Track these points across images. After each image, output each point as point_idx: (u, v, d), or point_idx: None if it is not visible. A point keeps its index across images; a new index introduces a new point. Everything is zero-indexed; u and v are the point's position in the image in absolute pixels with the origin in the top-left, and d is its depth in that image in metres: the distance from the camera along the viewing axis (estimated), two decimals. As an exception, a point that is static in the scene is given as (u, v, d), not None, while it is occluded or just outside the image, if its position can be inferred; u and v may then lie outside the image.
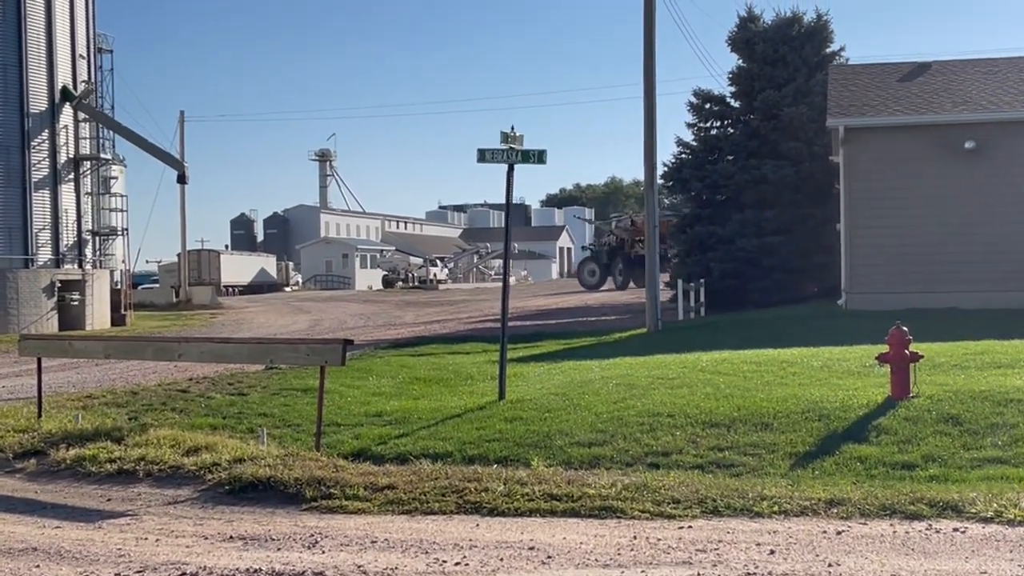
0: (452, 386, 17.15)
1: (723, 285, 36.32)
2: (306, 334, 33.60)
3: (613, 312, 40.62)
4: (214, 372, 18.77)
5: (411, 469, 10.07)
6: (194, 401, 15.81)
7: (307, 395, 16.13)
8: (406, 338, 29.40)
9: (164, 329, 39.18)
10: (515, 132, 14.99)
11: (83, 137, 42.14)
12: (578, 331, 29.96)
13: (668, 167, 37.97)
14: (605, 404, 13.39)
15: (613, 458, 10.94)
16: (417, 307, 52.18)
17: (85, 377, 20.45)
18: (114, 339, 13.70)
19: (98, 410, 15.09)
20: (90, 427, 12.63)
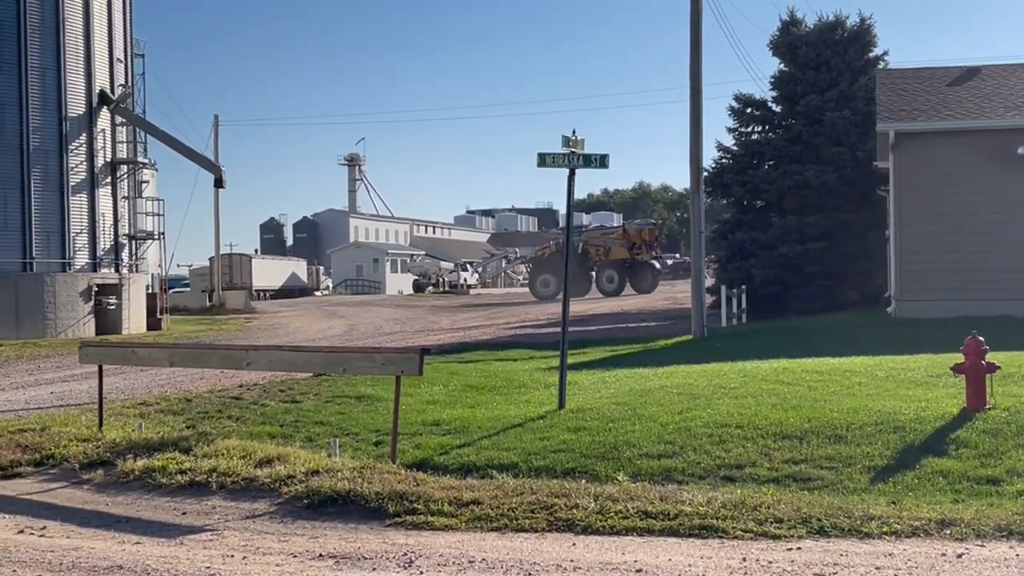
0: (506, 394, 16.91)
1: (765, 292, 35.97)
2: (344, 339, 33.42)
3: (652, 318, 40.30)
4: (262, 378, 18.57)
5: (494, 484, 9.79)
6: (248, 408, 15.61)
7: (360, 403, 15.98)
8: (449, 344, 29.17)
9: (201, 334, 39.07)
10: (576, 136, 14.72)
11: (120, 141, 42.09)
12: (621, 338, 29.69)
13: (709, 172, 37.59)
14: (669, 414, 13.13)
15: (685, 471, 10.67)
16: (451, 312, 51.95)
17: (133, 383, 20.28)
18: (178, 346, 13.48)
19: (155, 418, 14.90)
20: (154, 436, 12.41)
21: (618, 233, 66.75)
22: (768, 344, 23.41)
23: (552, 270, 62.76)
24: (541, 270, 63.82)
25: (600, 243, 64.37)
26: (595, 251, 64.06)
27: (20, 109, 37.65)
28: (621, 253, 63.76)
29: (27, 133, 37.78)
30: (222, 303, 60.67)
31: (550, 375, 18.98)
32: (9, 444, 12.68)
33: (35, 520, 9.63)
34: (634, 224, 68.95)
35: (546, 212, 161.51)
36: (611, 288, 62.93)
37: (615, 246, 63.84)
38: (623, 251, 63.66)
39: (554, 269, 62.76)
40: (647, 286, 63.47)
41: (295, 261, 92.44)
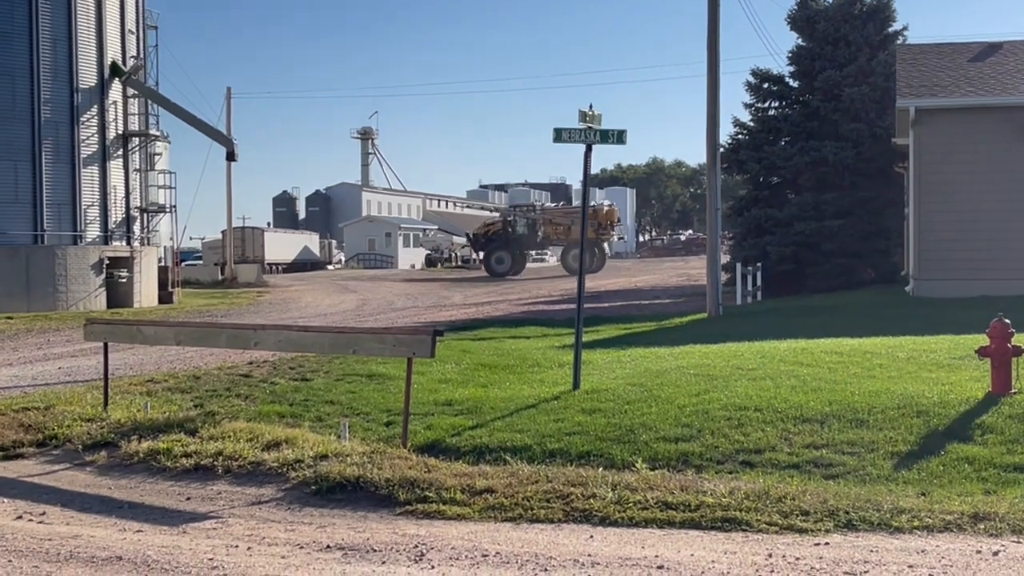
0: (519, 373, 16.68)
1: (780, 269, 35.64)
2: (355, 314, 33.19)
3: (665, 295, 40.02)
4: (272, 355, 18.35)
5: (508, 471, 9.50)
6: (257, 387, 15.39)
7: (372, 381, 15.78)
8: (461, 320, 28.93)
9: (212, 308, 38.88)
10: (593, 111, 14.39)
11: (132, 113, 41.81)
12: (635, 315, 29.43)
13: (725, 148, 37.14)
14: (686, 396, 12.89)
15: (703, 455, 10.42)
16: (463, 287, 51.72)
17: (142, 358, 20.06)
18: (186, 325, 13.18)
19: (162, 396, 14.69)
20: (160, 417, 12.17)
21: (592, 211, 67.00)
22: (785, 323, 23.12)
23: (504, 247, 63.60)
24: (494, 247, 64.10)
25: (561, 221, 65.06)
26: (552, 229, 64.89)
27: (31, 79, 37.37)
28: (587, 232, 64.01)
29: (38, 104, 37.51)
30: (234, 276, 60.51)
31: (564, 354, 18.77)
32: (12, 423, 12.46)
33: (35, 505, 9.40)
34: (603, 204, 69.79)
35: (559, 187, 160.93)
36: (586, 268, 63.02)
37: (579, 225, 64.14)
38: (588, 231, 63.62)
39: (506, 246, 63.73)
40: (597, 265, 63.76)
41: (307, 235, 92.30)
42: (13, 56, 37.12)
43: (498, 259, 63.67)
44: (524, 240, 65.44)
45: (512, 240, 64.49)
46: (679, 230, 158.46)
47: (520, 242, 65.20)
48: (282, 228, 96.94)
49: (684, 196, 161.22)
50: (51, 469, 10.94)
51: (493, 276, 61.69)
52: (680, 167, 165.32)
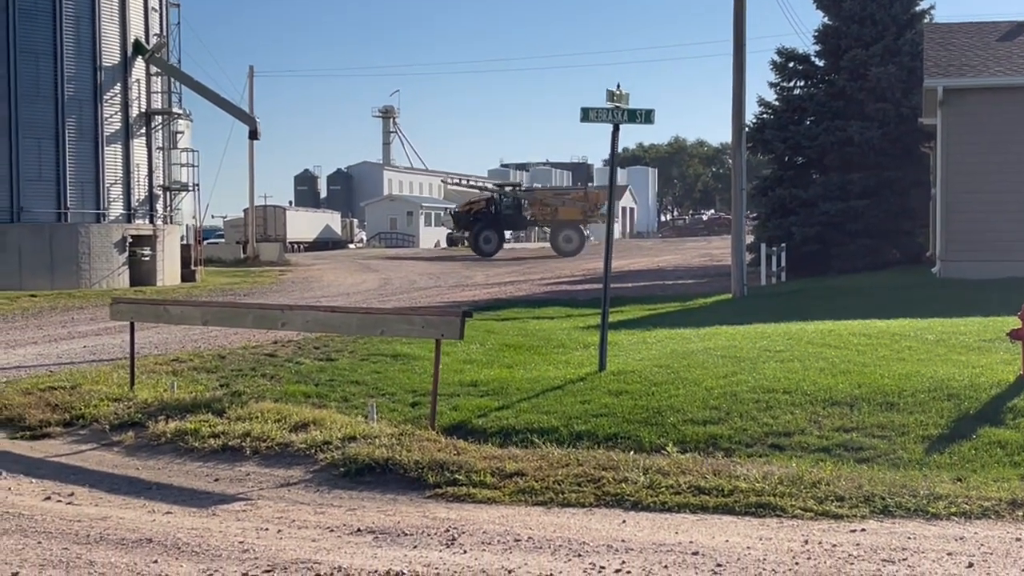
0: (544, 354, 16.65)
1: (805, 250, 35.44)
2: (378, 294, 33.19)
3: (688, 275, 39.89)
4: (297, 335, 18.33)
5: (538, 454, 9.46)
6: (283, 367, 15.39)
7: (397, 361, 15.77)
8: (484, 300, 28.89)
9: (235, 287, 38.95)
10: (621, 90, 14.26)
11: (155, 91, 41.80)
12: (658, 296, 29.36)
13: (750, 127, 36.83)
14: (714, 378, 12.85)
15: (731, 438, 10.39)
16: (485, 267, 51.66)
17: (166, 337, 20.08)
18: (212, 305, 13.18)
19: (188, 375, 14.71)
20: (187, 397, 12.16)
21: (579, 194, 68.26)
22: (811, 304, 23.02)
23: (490, 226, 63.79)
24: (481, 226, 64.23)
25: (551, 202, 65.69)
26: (540, 209, 65.49)
27: (55, 58, 37.39)
28: (573, 214, 64.75)
29: (61, 82, 37.53)
30: (256, 255, 60.56)
31: (589, 334, 18.72)
32: (39, 403, 12.46)
33: (63, 485, 9.39)
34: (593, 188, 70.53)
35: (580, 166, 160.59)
36: (569, 248, 64.11)
37: (571, 206, 65.01)
38: (576, 212, 64.64)
39: (492, 225, 63.89)
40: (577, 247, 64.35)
41: (329, 213, 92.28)
42: (37, 34, 37.14)
43: (486, 238, 63.80)
44: (509, 220, 65.79)
45: (497, 219, 64.70)
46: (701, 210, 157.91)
47: (505, 221, 65.50)
48: (303, 207, 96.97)
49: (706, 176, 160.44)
50: (78, 449, 10.95)
51: (482, 256, 61.97)
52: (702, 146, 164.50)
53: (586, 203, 65.32)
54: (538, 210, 65.82)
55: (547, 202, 66.00)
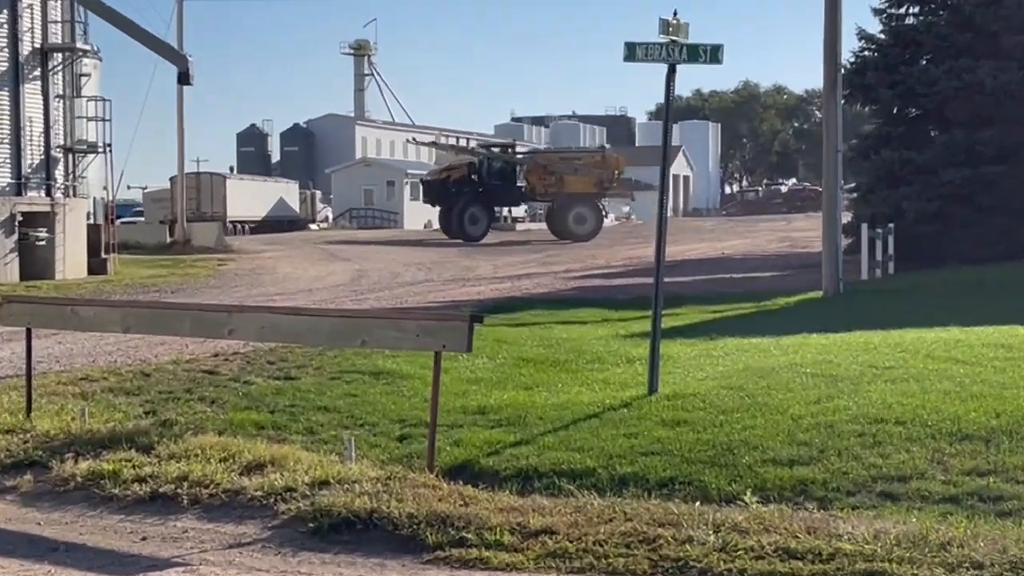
0: (575, 371, 16.78)
1: (920, 232, 35.43)
2: (350, 291, 33.33)
3: (764, 266, 40.01)
4: (243, 345, 18.43)
5: (571, 504, 9.50)
6: (227, 388, 15.45)
7: (379, 381, 15.89)
8: (492, 299, 29.00)
9: (160, 281, 39.07)
10: (678, 19, 14.34)
11: (53, 21, 41.85)
12: (725, 294, 29.52)
13: (846, 69, 36.83)
14: (802, 404, 12.93)
15: (827, 483, 10.46)
16: (492, 254, 51.84)
17: (71, 348, 20.16)
18: (136, 306, 13.27)
19: (102, 399, 14.73)
20: (103, 428, 12.22)
21: (593, 158, 68.31)
22: (929, 305, 23.14)
23: (476, 201, 63.95)
24: (465, 201, 64.30)
25: (557, 169, 65.92)
26: (539, 178, 65.70)
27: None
28: (584, 184, 64.87)
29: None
30: (187, 239, 60.69)
31: (633, 345, 18.77)
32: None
33: (-66, 549, 9.41)
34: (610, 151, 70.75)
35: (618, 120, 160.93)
36: (582, 230, 64.10)
37: (583, 174, 65.37)
38: (589, 182, 64.83)
39: (478, 199, 64.05)
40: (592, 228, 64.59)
41: (284, 184, 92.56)
42: None
43: (471, 217, 63.93)
44: (500, 192, 66.24)
45: (484, 191, 65.00)
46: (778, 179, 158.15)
47: (494, 194, 66.00)
48: (249, 175, 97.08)
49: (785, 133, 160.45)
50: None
51: (466, 240, 62.05)
52: (780, 94, 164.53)
53: (603, 170, 65.26)
54: (537, 179, 65.97)
55: (551, 168, 66.08)
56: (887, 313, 21.84)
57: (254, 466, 10.65)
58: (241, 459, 10.82)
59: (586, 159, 68.66)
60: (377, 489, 9.72)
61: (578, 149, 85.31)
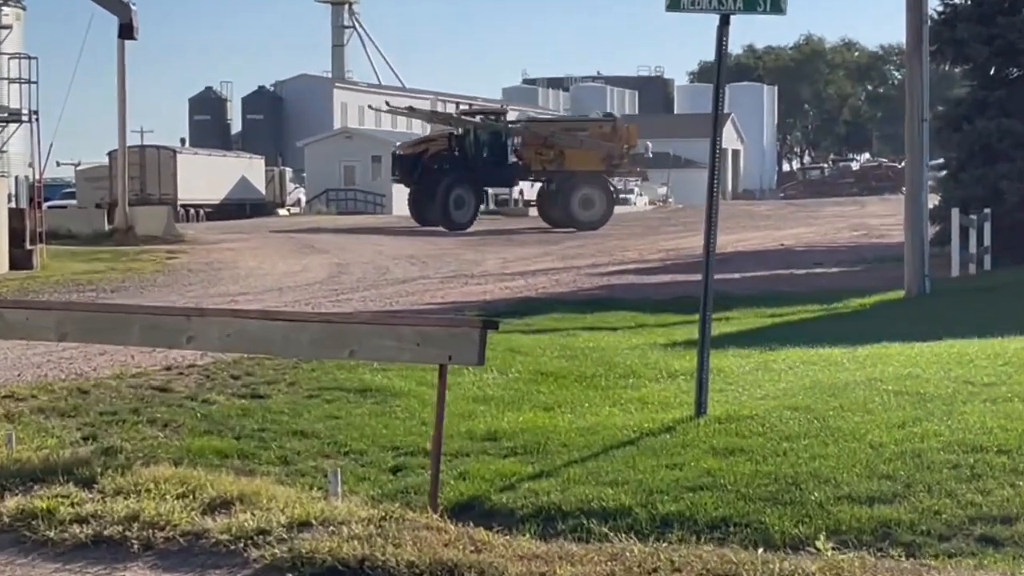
0: (604, 388, 16.81)
1: (1020, 218, 35.36)
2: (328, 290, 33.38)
3: (831, 259, 40.05)
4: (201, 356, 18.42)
5: (606, 551, 9.44)
6: (183, 408, 15.44)
7: (366, 399, 15.92)
8: (502, 300, 29.06)
9: (98, 278, 39.01)
10: (731, -40, 14.38)
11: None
12: (786, 293, 29.55)
13: (933, 19, 36.78)
14: (883, 429, 12.93)
15: (916, 526, 10.41)
16: (500, 244, 52.00)
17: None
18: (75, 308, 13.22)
19: (31, 421, 14.71)
20: (33, 457, 12.15)
21: (601, 129, 68.50)
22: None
23: (461, 180, 64.19)
24: (449, 180, 64.49)
25: (558, 141, 66.19)
26: (535, 153, 66.20)
27: None
28: (589, 160, 65.37)
29: None
30: (129, 226, 60.55)
31: (675, 356, 18.80)
32: None
33: None
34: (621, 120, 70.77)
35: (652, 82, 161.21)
36: (589, 217, 64.31)
37: (588, 148, 65.94)
38: (594, 157, 65.41)
39: (463, 178, 64.28)
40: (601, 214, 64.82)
41: (246, 159, 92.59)
42: None
43: (457, 200, 64.02)
44: (490, 168, 66.63)
45: (471, 167, 65.29)
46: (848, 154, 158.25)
47: (484, 171, 66.34)
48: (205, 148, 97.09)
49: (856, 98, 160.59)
50: None
51: (451, 229, 62.33)
52: (850, 50, 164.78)
53: (614, 142, 65.34)
54: (533, 153, 66.20)
55: (552, 140, 66.17)
56: (984, 317, 21.79)
57: (219, 503, 10.58)
58: (203, 495, 10.74)
59: (593, 129, 68.78)
60: (369, 532, 9.66)
61: (581, 117, 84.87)
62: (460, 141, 66.20)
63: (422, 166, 65.80)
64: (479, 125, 67.85)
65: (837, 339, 19.87)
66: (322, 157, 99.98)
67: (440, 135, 68.67)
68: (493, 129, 67.52)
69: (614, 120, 72.41)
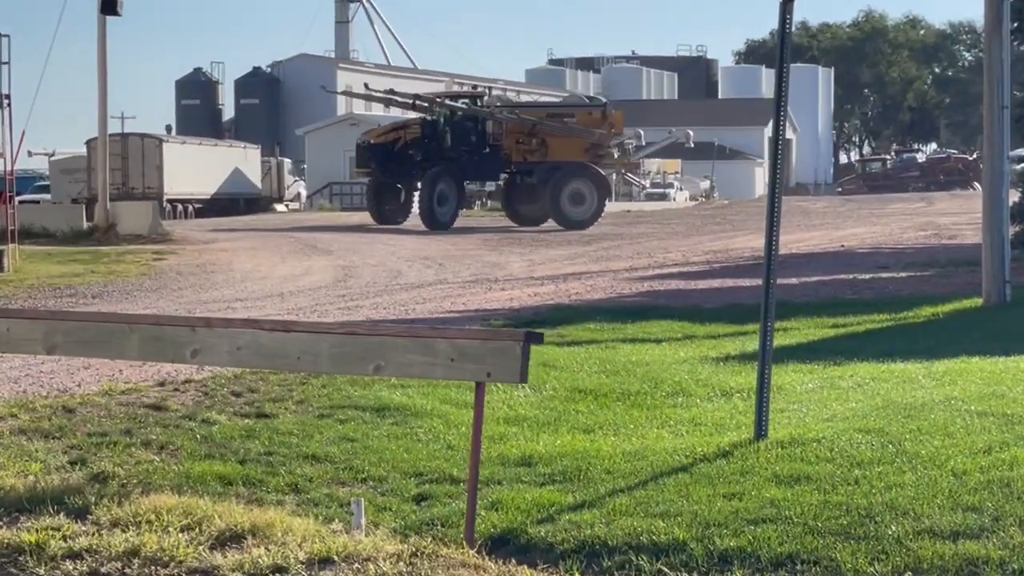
0: (651, 407, 16.83)
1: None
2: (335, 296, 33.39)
3: (897, 263, 40.03)
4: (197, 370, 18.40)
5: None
6: (180, 428, 15.46)
7: (384, 419, 15.95)
8: (530, 307, 29.09)
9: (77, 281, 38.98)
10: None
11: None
12: (848, 300, 29.65)
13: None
14: (967, 455, 12.94)
15: (1006, 563, 10.43)
16: (526, 244, 52.09)
17: (-42, 371, 20.19)
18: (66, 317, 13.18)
19: (12, 444, 14.66)
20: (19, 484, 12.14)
21: (590, 116, 68.81)
22: None
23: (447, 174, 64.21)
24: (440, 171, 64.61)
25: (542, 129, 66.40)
26: (517, 142, 66.53)
27: None
28: (573, 150, 65.85)
29: None
30: (111, 223, 60.57)
31: (729, 372, 18.84)
32: None
33: None
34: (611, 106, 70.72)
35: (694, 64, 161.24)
36: (578, 214, 64.55)
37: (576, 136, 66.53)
38: (576, 146, 65.92)
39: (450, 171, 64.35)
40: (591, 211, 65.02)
41: (239, 148, 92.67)
42: None
43: (441, 194, 64.07)
44: (475, 157, 66.44)
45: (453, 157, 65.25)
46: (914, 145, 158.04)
47: (468, 161, 66.25)
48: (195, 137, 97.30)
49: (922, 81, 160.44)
50: None
51: (433, 228, 62.38)
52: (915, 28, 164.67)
53: (603, 129, 65.92)
54: (514, 143, 66.35)
55: (534, 128, 66.37)
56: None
57: (228, 537, 10.53)
58: (210, 527, 10.70)
59: (581, 116, 68.99)
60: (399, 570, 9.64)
61: (566, 102, 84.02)
62: (434, 127, 66.32)
63: (395, 157, 66.18)
64: (458, 108, 67.73)
65: (909, 353, 19.97)
66: (325, 147, 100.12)
67: (414, 122, 68.69)
68: (469, 114, 67.32)
69: (604, 105, 72.07)
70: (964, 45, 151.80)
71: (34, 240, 53.70)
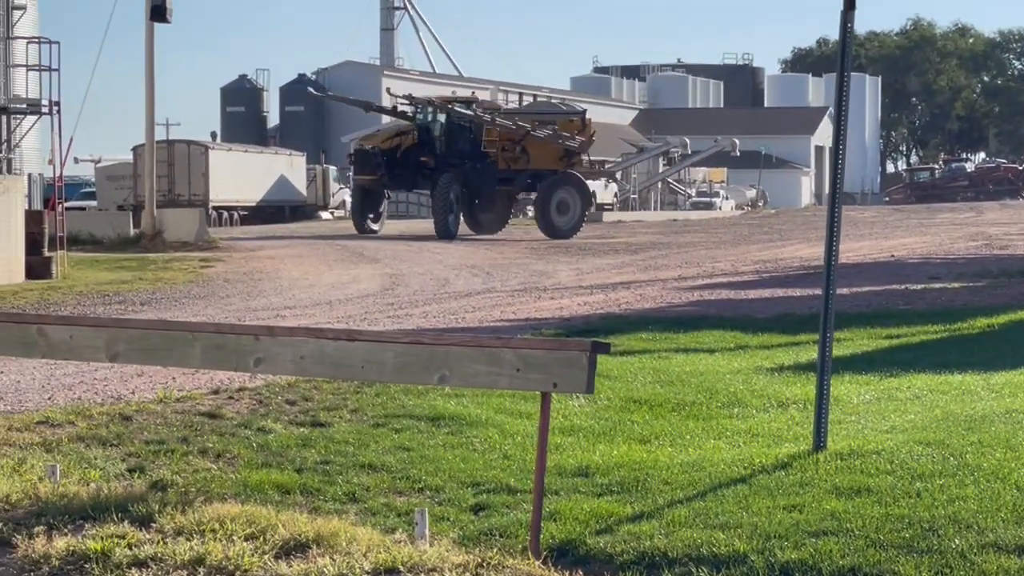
0: (706, 418, 16.82)
1: None
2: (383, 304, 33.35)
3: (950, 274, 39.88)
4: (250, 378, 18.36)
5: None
6: (236, 436, 15.47)
7: (439, 428, 15.93)
8: (582, 318, 28.98)
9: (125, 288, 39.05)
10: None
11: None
12: (901, 311, 29.47)
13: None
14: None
15: (1072, 579, 10.31)
16: (572, 253, 52.04)
17: (16, 380, 20.02)
18: (127, 326, 13.16)
19: (72, 451, 14.68)
20: (82, 492, 12.10)
21: (571, 123, 69.15)
22: None
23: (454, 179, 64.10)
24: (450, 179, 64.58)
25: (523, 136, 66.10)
26: (499, 150, 66.36)
27: None
28: (551, 158, 66.01)
29: None
30: (157, 230, 60.66)
31: (784, 382, 18.78)
32: None
33: None
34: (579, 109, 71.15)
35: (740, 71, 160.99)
36: (564, 222, 64.63)
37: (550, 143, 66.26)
38: (551, 153, 66.09)
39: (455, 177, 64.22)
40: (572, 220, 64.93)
41: (285, 156, 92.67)
42: None
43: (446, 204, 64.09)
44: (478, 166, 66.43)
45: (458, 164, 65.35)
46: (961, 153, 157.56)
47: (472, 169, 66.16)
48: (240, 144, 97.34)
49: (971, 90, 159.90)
50: None
51: (443, 237, 62.45)
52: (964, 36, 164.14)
53: (584, 136, 66.23)
54: (499, 151, 66.27)
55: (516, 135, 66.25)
56: None
57: (293, 546, 10.48)
58: (274, 536, 10.65)
59: (562, 123, 68.93)
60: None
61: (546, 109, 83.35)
62: (425, 134, 66.80)
63: (397, 163, 66.44)
64: (455, 113, 67.72)
65: (966, 364, 19.89)
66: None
67: (408, 127, 69.22)
68: (455, 120, 67.56)
69: (583, 113, 72.24)
70: (1014, 53, 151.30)
71: (81, 247, 53.80)
